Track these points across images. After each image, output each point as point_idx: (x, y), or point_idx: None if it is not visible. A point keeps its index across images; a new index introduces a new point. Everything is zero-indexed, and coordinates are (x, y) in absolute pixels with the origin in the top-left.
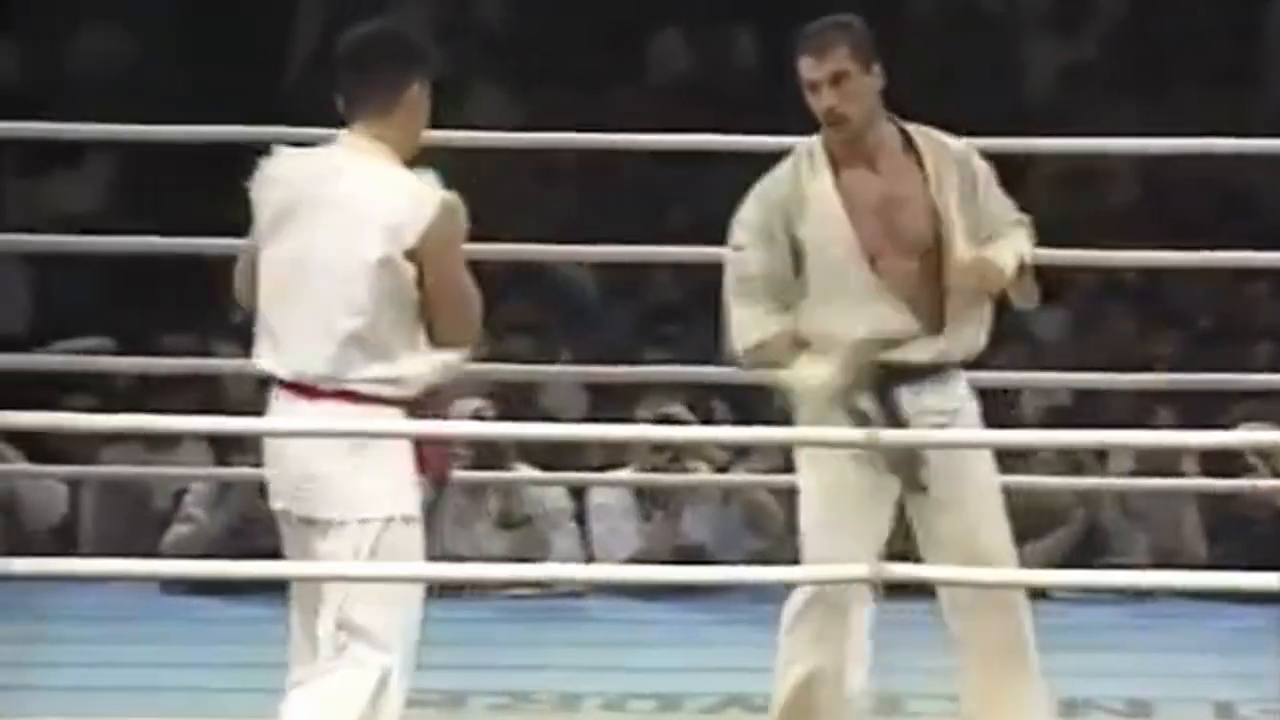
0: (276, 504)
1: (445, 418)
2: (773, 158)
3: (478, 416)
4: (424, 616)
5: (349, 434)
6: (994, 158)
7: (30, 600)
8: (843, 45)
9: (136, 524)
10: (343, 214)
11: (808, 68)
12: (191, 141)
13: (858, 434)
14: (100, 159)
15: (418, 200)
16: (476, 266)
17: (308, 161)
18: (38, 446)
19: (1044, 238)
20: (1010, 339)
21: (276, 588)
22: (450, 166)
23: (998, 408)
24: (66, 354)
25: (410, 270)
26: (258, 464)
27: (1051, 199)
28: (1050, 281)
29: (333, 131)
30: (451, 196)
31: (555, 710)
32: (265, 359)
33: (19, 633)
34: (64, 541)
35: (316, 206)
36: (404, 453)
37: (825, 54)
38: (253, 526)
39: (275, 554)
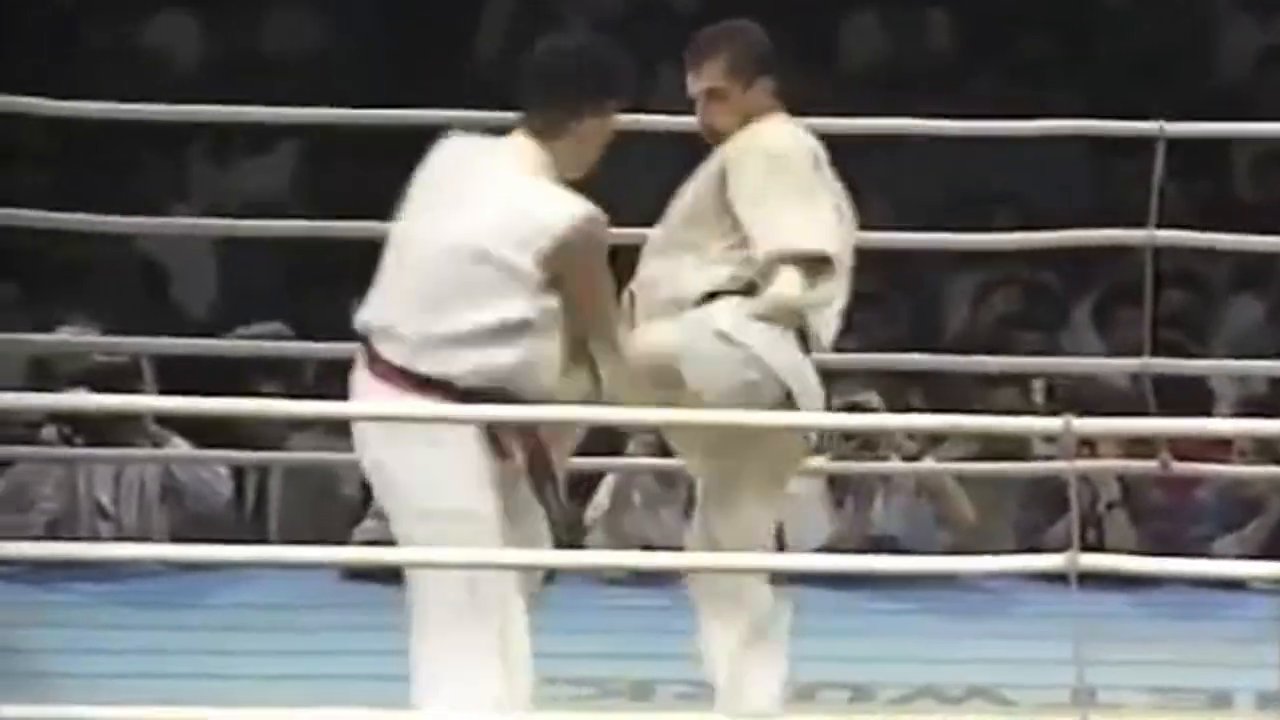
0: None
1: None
2: (961, 142)
3: None
4: (610, 604)
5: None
6: (1194, 142)
7: (204, 588)
8: (720, 60)
9: (324, 512)
10: (470, 209)
11: (688, 79)
12: (380, 125)
13: (1055, 423)
14: (288, 143)
15: (546, 215)
16: None
17: (465, 151)
18: (211, 432)
19: (1243, 224)
20: (1207, 327)
21: None
22: (640, 150)
23: (1195, 396)
24: (245, 340)
25: (532, 278)
26: None
27: (1251, 184)
28: (1249, 268)
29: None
30: (588, 216)
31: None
32: (362, 319)
33: (199, 620)
34: (233, 528)
35: (451, 195)
36: (473, 445)
37: (700, 69)
38: None
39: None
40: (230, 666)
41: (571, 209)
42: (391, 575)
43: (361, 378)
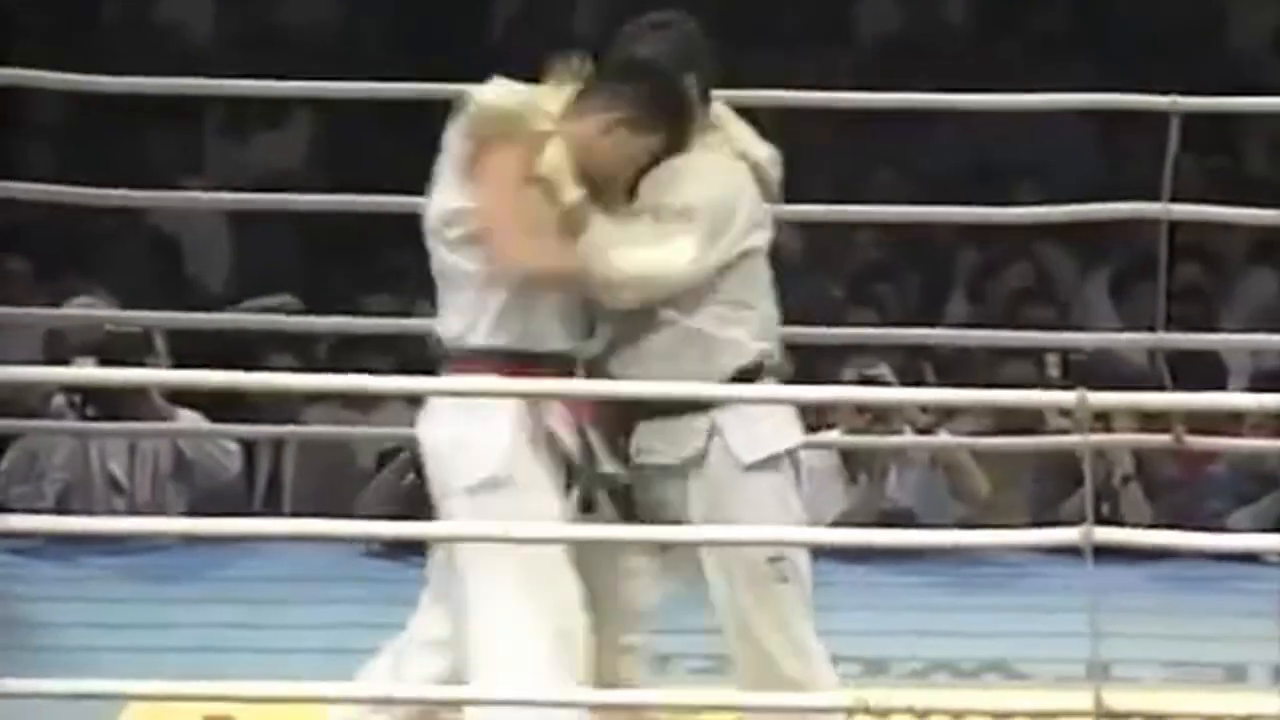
0: None
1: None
2: (976, 116)
3: None
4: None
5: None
6: (1208, 117)
7: (217, 561)
8: None
9: (339, 485)
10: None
11: None
12: (395, 99)
13: (1069, 397)
14: (302, 116)
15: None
16: None
17: None
18: (222, 405)
19: (1257, 198)
20: (1222, 301)
21: None
22: None
23: (1210, 370)
24: (253, 312)
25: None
26: None
27: (1265, 159)
28: (1263, 242)
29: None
30: (501, 108)
31: None
32: None
33: (215, 593)
34: (244, 502)
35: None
36: (502, 415)
37: None
38: None
39: None
40: (244, 640)
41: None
42: (411, 548)
43: None
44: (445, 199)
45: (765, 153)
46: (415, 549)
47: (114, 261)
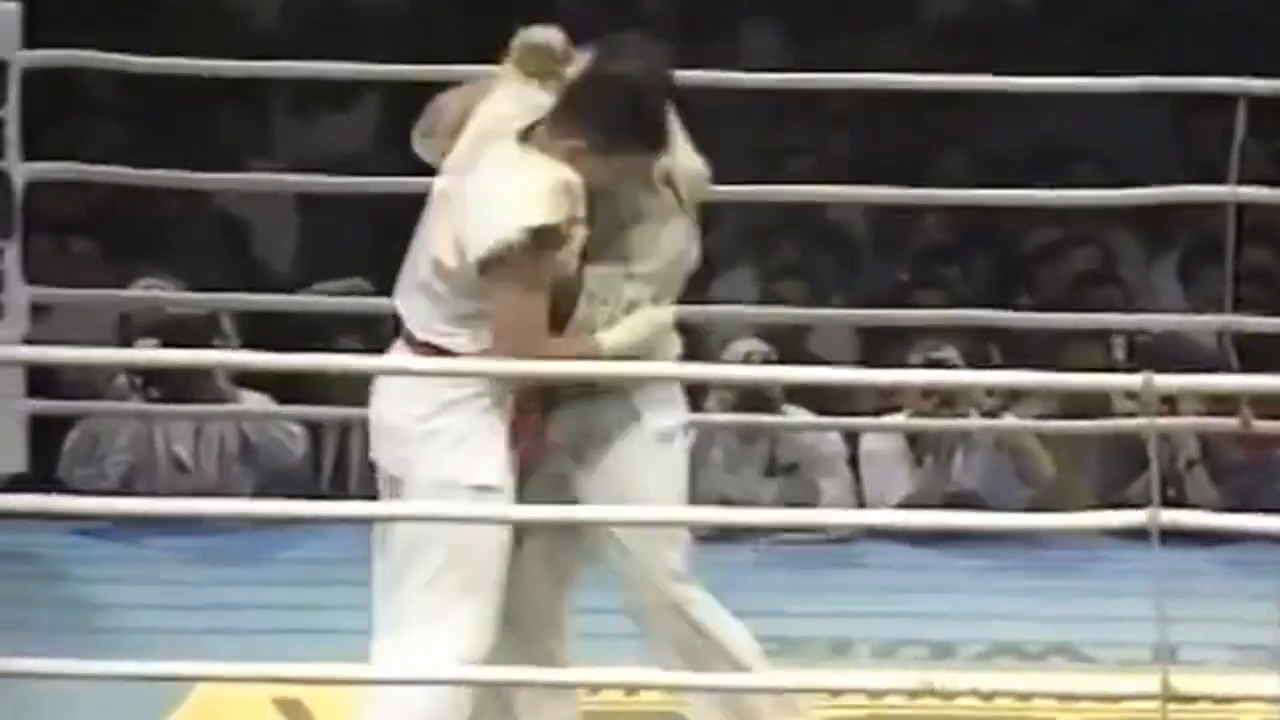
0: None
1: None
2: (1042, 99)
3: (748, 360)
4: (695, 562)
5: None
6: (1276, 100)
7: (283, 543)
8: None
9: None
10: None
11: None
12: (464, 80)
13: (1136, 380)
14: (371, 98)
15: (504, 222)
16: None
17: (495, 110)
18: (289, 388)
19: None
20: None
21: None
22: (722, 108)
23: (1277, 354)
24: (324, 295)
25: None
26: None
27: None
28: None
29: None
30: (542, 227)
31: (826, 656)
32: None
33: (281, 575)
34: (310, 485)
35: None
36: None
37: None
38: None
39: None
40: (311, 622)
41: (519, 222)
42: None
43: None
44: (443, 253)
45: (696, 167)
46: None
47: (182, 244)
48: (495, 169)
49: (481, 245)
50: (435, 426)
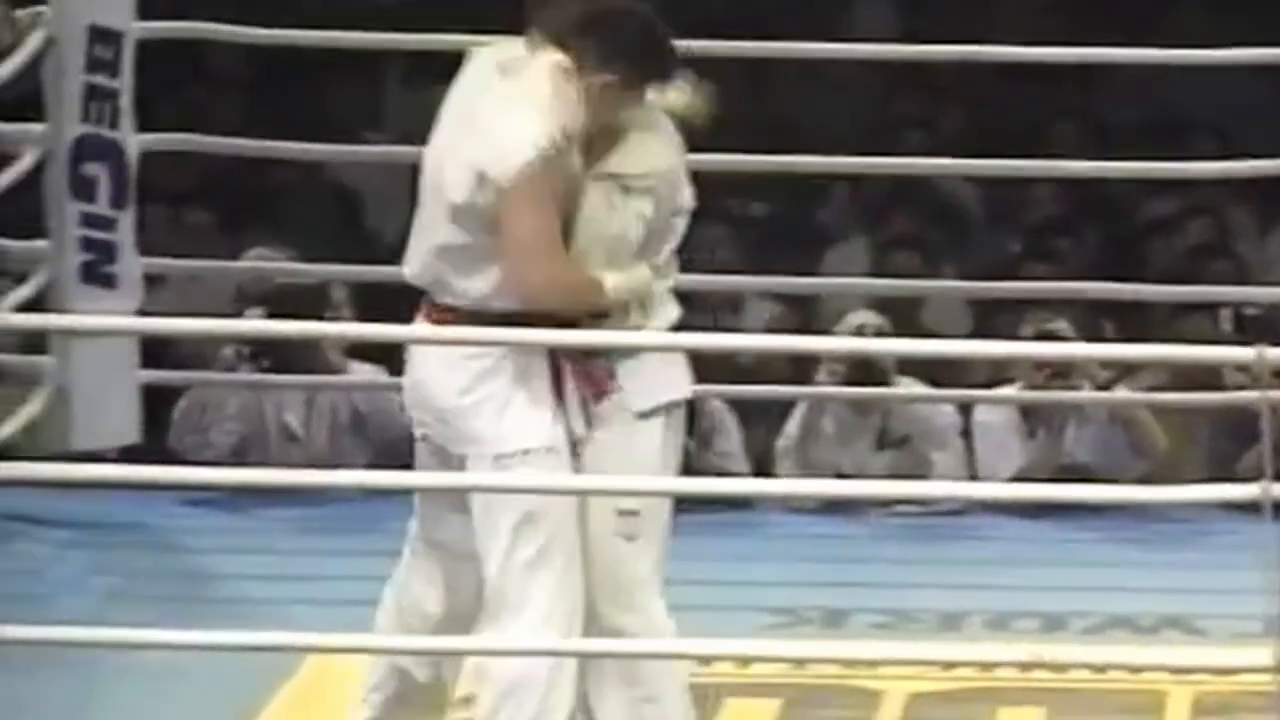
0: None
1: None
2: (1158, 70)
3: (860, 332)
4: (802, 534)
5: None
6: None
7: (395, 513)
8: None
9: None
10: (462, 132)
11: None
12: None
13: (1248, 353)
14: None
15: (507, 150)
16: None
17: (482, 63)
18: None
19: None
20: None
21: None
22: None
23: None
24: None
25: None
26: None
27: None
28: None
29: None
30: (539, 152)
31: (937, 629)
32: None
33: (392, 545)
34: None
35: (457, 115)
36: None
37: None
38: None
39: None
40: None
41: (521, 148)
42: None
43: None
44: (458, 194)
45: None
46: None
47: (294, 215)
48: (497, 101)
49: (504, 166)
50: (478, 397)
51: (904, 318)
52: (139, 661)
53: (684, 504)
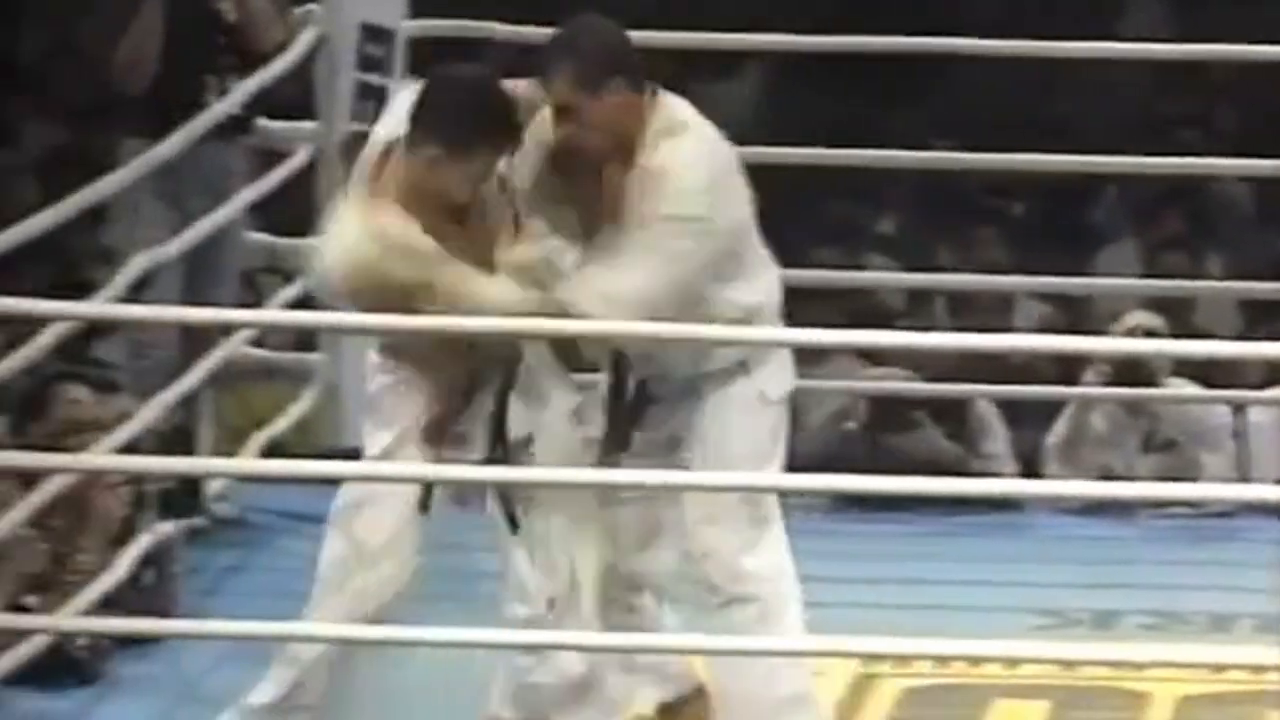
0: None
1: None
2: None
3: (1132, 333)
4: (1070, 535)
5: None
6: None
7: None
8: (564, 75)
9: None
10: None
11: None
12: (844, 52)
13: None
14: (752, 66)
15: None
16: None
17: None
18: None
19: None
20: None
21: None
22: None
23: None
24: None
25: None
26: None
27: None
28: None
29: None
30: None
31: (1207, 630)
32: None
33: None
34: None
35: None
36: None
37: (550, 84)
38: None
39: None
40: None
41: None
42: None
43: None
44: None
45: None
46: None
47: None
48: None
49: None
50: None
51: (1176, 318)
52: (420, 659)
53: (952, 505)
